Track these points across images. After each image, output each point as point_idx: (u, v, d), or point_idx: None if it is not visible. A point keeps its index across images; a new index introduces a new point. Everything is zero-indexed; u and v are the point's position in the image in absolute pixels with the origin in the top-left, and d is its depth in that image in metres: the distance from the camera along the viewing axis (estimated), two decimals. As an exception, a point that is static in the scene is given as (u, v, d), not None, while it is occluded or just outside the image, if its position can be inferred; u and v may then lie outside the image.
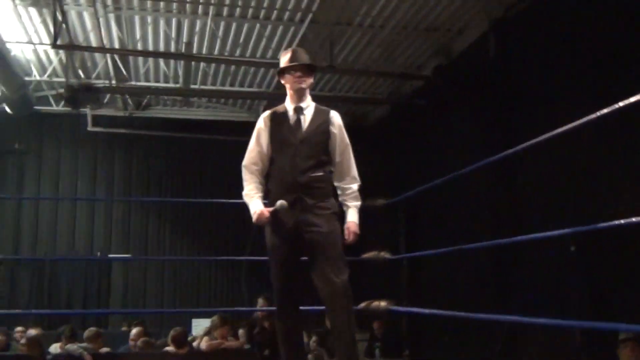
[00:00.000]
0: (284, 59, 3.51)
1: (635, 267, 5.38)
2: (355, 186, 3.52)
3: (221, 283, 11.53)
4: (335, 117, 3.53)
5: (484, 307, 6.55)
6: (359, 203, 3.52)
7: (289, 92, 3.53)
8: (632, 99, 2.61)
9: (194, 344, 6.88)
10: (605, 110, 2.78)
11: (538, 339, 6.43)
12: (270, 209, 3.35)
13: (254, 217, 3.39)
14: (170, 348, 6.39)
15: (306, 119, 3.47)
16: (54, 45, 7.16)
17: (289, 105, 3.51)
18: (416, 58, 9.48)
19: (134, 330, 7.40)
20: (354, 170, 3.54)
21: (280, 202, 3.32)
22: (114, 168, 11.56)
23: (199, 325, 10.32)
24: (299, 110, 3.47)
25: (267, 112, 3.57)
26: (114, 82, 9.66)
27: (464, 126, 8.11)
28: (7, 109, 9.47)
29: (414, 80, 9.77)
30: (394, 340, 9.67)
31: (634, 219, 2.74)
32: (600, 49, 6.01)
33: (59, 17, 6.94)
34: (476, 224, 7.36)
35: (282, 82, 3.56)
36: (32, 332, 7.36)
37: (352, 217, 3.48)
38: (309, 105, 3.51)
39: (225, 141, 11.37)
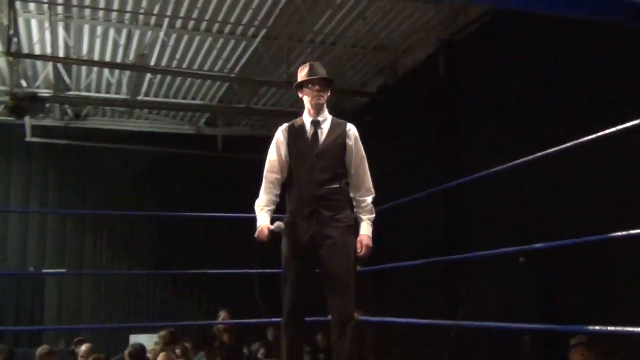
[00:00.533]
0: (302, 73, 3.57)
1: (581, 276, 5.74)
2: (369, 199, 3.59)
3: (160, 298, 11.35)
4: (352, 130, 3.57)
5: (437, 317, 6.79)
6: (372, 216, 3.59)
7: (307, 105, 3.58)
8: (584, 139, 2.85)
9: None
10: (553, 150, 3.01)
11: (487, 346, 6.71)
12: (272, 227, 3.42)
13: (257, 231, 3.45)
14: (130, 363, 6.26)
15: (323, 132, 3.52)
16: (8, 53, 6.93)
17: (306, 118, 3.57)
18: (362, 76, 9.73)
19: (83, 347, 7.19)
20: (369, 182, 3.60)
21: (277, 224, 3.41)
22: (47, 179, 11.19)
23: (138, 341, 10.15)
24: (316, 124, 3.53)
25: (285, 125, 3.61)
26: (54, 91, 9.43)
27: (413, 142, 8.38)
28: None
29: (357, 96, 10.02)
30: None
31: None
32: (547, 70, 6.41)
33: (11, 24, 6.73)
34: (429, 239, 7.63)
35: (300, 95, 3.62)
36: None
37: (365, 230, 3.52)
38: (326, 119, 3.57)
39: (166, 153, 11.30)
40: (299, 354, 3.48)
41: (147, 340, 10.23)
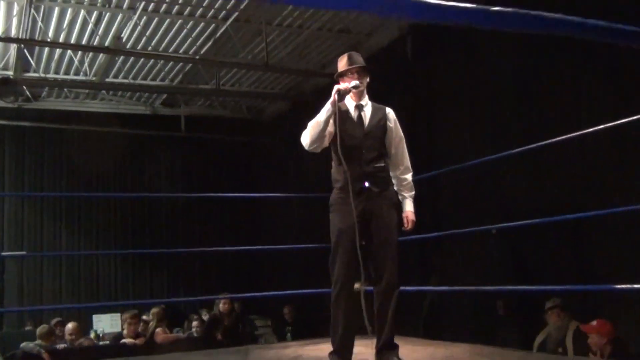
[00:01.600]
0: (342, 63, 3.86)
1: (554, 245, 6.28)
2: (409, 176, 3.94)
3: (122, 277, 11.44)
4: (391, 113, 3.91)
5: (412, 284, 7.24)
6: (413, 193, 3.94)
7: None
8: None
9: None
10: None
11: (462, 312, 7.23)
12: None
13: (332, 96, 3.61)
14: (128, 340, 6.46)
15: (366, 115, 3.83)
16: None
17: (349, 103, 3.84)
18: (323, 57, 10.02)
19: (70, 326, 7.30)
20: (408, 161, 3.95)
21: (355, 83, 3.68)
22: (4, 162, 11.02)
23: (100, 321, 10.26)
24: (360, 108, 3.83)
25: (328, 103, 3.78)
26: (14, 73, 9.33)
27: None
28: None
29: (319, 77, 10.32)
30: (304, 324, 10.18)
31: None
32: (516, 54, 6.89)
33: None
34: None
35: (342, 83, 3.81)
36: None
37: (410, 206, 3.90)
38: (367, 103, 3.88)
39: (122, 134, 11.31)
40: (354, 325, 3.73)
41: (110, 320, 10.41)
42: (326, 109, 3.67)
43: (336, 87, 3.70)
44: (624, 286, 5.18)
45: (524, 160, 6.41)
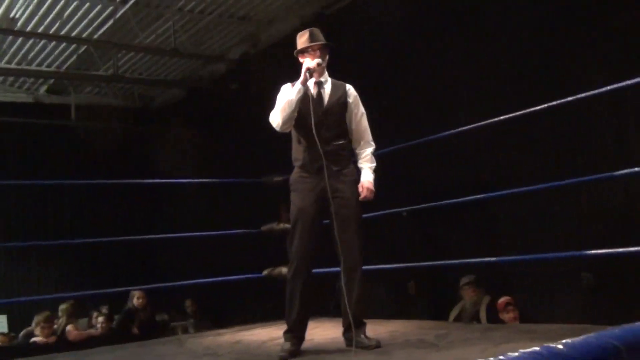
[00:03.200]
0: (303, 39, 3.81)
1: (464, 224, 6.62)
2: (370, 150, 3.91)
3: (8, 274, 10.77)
4: (351, 89, 3.88)
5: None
6: (374, 164, 3.89)
7: None
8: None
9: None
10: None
11: (373, 293, 7.42)
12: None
13: (302, 75, 3.65)
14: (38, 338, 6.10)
15: (326, 92, 3.81)
16: None
17: (309, 81, 3.75)
18: (221, 44, 9.89)
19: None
20: (369, 135, 3.91)
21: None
22: None
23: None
24: (319, 85, 3.80)
25: (289, 84, 3.81)
26: None
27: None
28: None
29: (218, 64, 10.19)
30: (207, 317, 10.06)
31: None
32: (419, 48, 7.18)
33: None
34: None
35: (301, 60, 3.82)
36: None
37: (367, 175, 3.82)
38: (327, 80, 3.85)
39: (6, 122, 10.62)
40: (309, 307, 3.75)
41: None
42: (297, 88, 3.66)
43: (305, 66, 3.69)
44: (526, 257, 5.62)
45: (433, 146, 6.68)
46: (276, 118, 3.73)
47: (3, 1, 7.91)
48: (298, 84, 3.68)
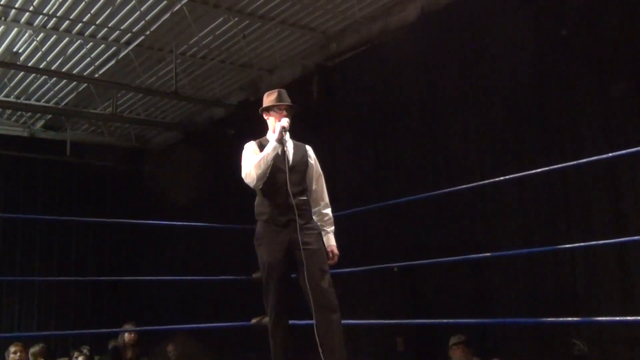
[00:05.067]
0: (271, 98, 4.04)
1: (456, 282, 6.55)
2: (329, 211, 4.06)
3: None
4: (310, 150, 4.07)
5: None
6: (334, 227, 4.06)
7: (272, 126, 4.00)
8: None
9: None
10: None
11: (361, 349, 7.30)
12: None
13: (278, 134, 3.83)
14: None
15: (289, 150, 3.93)
16: None
17: (271, 137, 3.92)
18: (222, 89, 9.94)
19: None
20: (327, 197, 4.08)
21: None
22: None
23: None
24: (283, 143, 3.89)
25: (253, 142, 3.99)
26: None
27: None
28: None
29: (217, 108, 10.23)
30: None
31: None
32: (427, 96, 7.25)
33: None
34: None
35: (266, 117, 4.07)
36: None
37: (332, 241, 4.00)
38: (288, 140, 3.97)
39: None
40: (291, 355, 3.78)
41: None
42: (273, 145, 3.83)
43: (281, 124, 3.88)
44: (518, 320, 5.57)
45: (427, 204, 6.68)
46: (251, 175, 3.83)
47: (7, 35, 7.97)
48: (273, 142, 3.82)
